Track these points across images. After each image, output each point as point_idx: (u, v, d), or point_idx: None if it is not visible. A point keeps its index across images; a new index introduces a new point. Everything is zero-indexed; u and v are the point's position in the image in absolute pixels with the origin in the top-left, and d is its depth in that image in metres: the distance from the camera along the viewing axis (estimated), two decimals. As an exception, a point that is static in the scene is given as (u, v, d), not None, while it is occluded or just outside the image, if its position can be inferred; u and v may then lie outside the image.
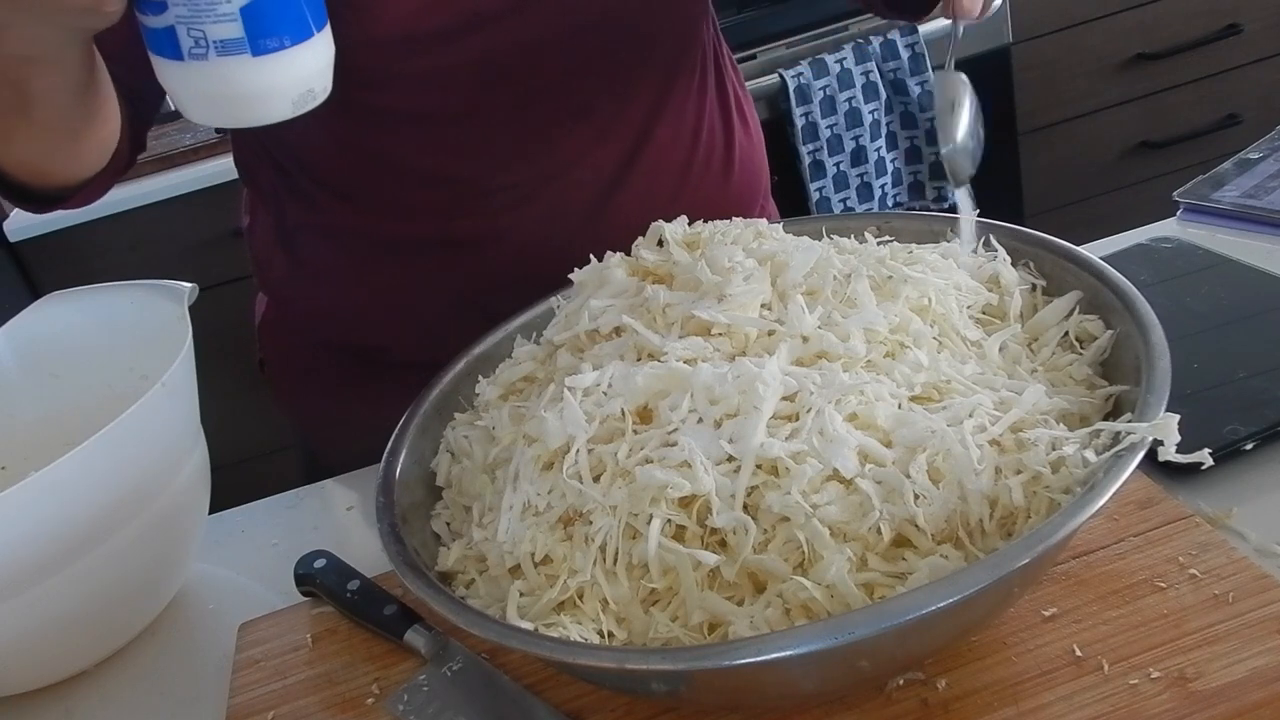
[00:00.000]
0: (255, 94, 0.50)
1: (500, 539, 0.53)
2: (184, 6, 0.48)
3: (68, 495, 0.60)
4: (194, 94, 0.51)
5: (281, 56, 0.50)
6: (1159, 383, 0.50)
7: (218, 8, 0.48)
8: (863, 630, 0.42)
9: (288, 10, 0.50)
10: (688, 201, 0.83)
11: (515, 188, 0.79)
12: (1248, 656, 0.48)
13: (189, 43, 0.48)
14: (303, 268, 0.86)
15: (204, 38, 0.48)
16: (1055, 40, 1.99)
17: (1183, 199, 0.88)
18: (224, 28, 0.48)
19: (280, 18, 0.49)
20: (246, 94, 0.50)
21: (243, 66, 0.49)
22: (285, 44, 0.50)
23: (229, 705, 0.61)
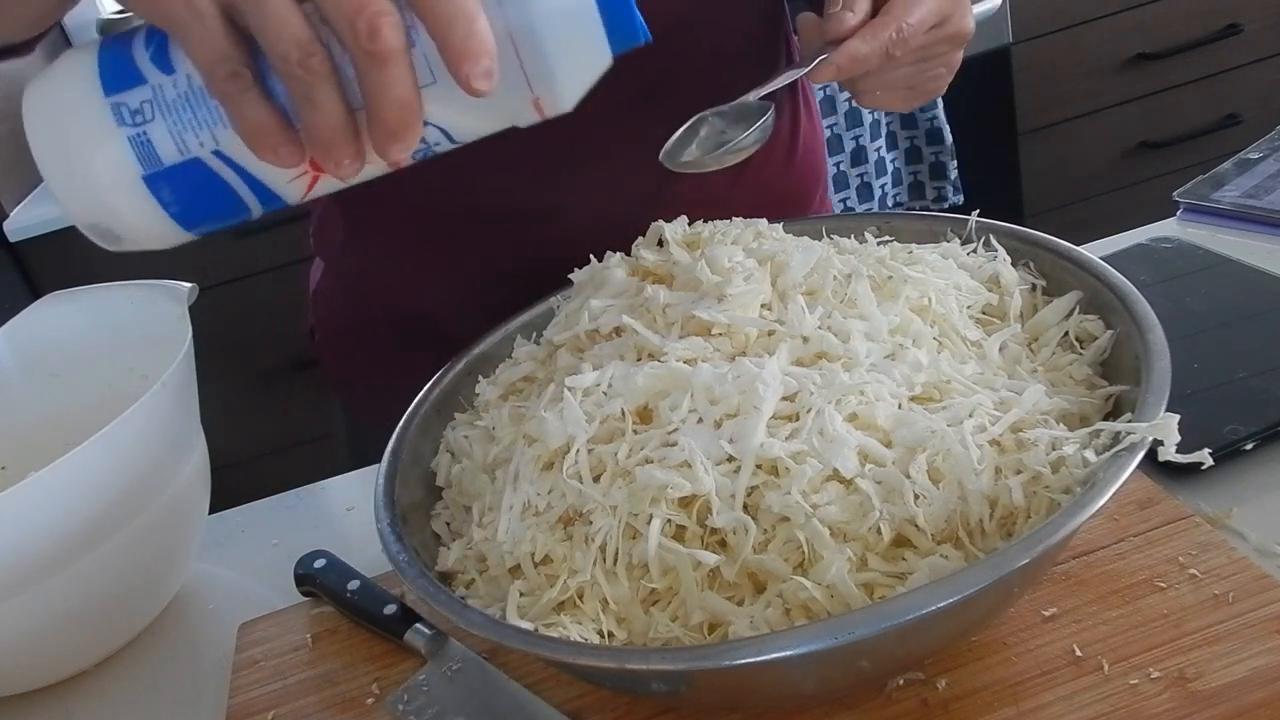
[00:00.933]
0: (117, 217, 0.46)
1: (500, 539, 0.53)
2: (180, 102, 0.44)
3: (68, 495, 0.60)
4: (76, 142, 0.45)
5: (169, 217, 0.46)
6: (1159, 383, 0.50)
7: (197, 135, 0.44)
8: (863, 630, 0.42)
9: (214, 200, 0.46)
10: (748, 185, 0.83)
11: (578, 165, 0.78)
12: (1248, 656, 0.48)
13: (132, 112, 0.44)
14: (362, 231, 0.86)
15: (145, 134, 0.44)
16: (1055, 40, 1.99)
17: (1183, 199, 0.88)
18: (178, 148, 0.44)
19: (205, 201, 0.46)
20: (111, 209, 0.46)
21: (137, 189, 0.45)
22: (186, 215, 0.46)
23: (229, 705, 0.61)
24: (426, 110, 0.43)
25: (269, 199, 0.46)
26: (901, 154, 1.89)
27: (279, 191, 0.46)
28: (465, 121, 0.46)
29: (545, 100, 0.46)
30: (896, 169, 1.89)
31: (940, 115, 1.82)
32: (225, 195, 0.45)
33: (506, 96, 0.45)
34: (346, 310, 0.93)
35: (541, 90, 0.45)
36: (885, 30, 0.61)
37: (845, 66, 0.61)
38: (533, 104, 0.46)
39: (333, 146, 0.42)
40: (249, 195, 0.46)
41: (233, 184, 0.45)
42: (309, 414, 2.03)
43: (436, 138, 0.46)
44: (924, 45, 0.63)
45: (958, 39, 0.65)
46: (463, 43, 0.40)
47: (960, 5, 0.64)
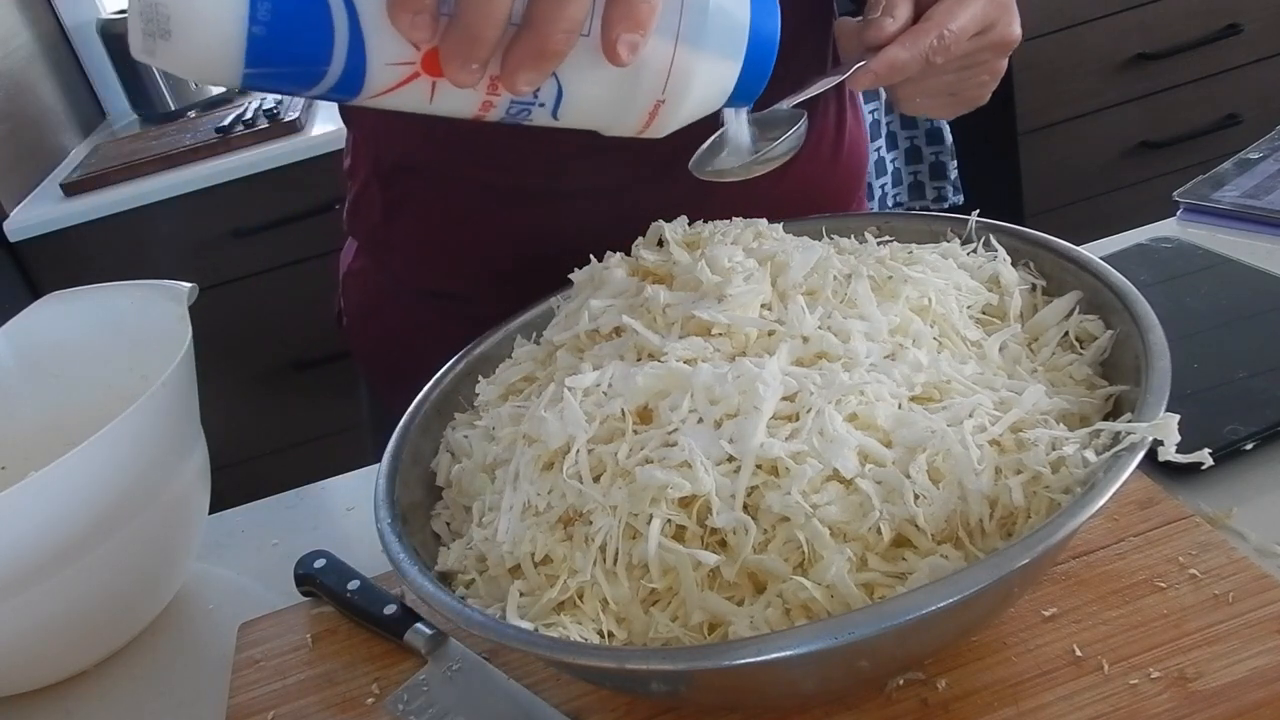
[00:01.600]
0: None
1: (500, 539, 0.53)
2: None
3: (68, 495, 0.60)
4: None
5: None
6: (1159, 383, 0.50)
7: None
8: (863, 630, 0.42)
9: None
10: (795, 179, 0.82)
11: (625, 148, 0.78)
12: (1248, 656, 0.48)
13: None
14: (400, 210, 0.86)
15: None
16: (1055, 40, 1.99)
17: (1183, 199, 0.88)
18: None
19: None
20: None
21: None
22: None
23: (229, 705, 0.61)
24: None
25: (353, 74, 0.41)
26: (901, 154, 1.89)
27: (370, 71, 0.41)
28: (584, 91, 0.45)
29: (665, 108, 0.46)
30: (896, 169, 1.89)
31: (940, 115, 1.82)
32: (318, 42, 0.40)
33: (639, 87, 0.45)
34: (379, 291, 0.93)
35: (671, 95, 0.46)
36: (926, 37, 0.59)
37: (884, 74, 0.60)
38: (651, 108, 0.46)
39: (475, 44, 0.40)
40: (340, 57, 0.40)
41: (336, 34, 0.39)
42: (309, 414, 2.03)
43: (546, 97, 0.45)
44: (967, 52, 0.61)
45: (1003, 46, 0.63)
46: (637, 5, 0.40)
47: (1006, 11, 0.62)
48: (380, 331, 0.95)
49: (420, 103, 0.44)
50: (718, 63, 0.46)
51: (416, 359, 0.90)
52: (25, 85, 2.04)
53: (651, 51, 0.44)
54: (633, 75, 0.44)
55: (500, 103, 0.45)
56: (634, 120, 0.47)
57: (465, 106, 0.45)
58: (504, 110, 0.45)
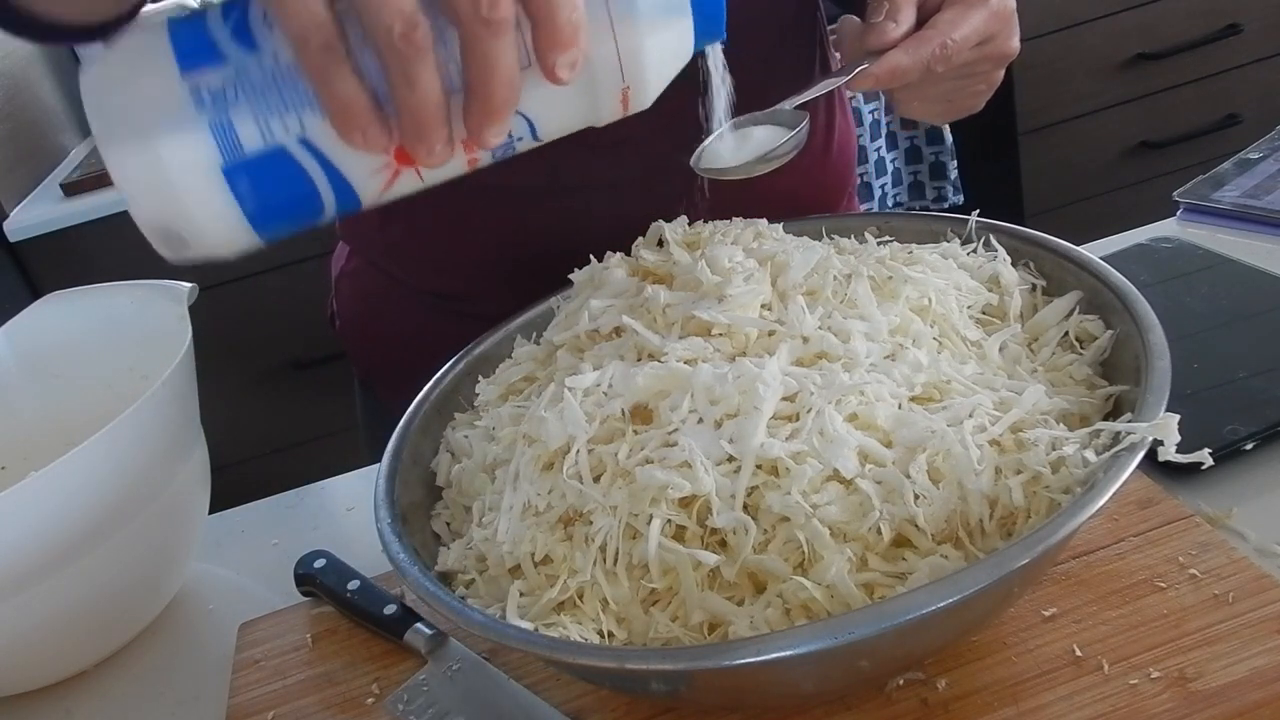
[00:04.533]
0: (183, 205, 0.43)
1: (500, 539, 0.53)
2: (253, 82, 0.41)
3: (68, 495, 0.60)
4: (136, 119, 0.42)
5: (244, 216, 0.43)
6: (1159, 383, 0.50)
7: (272, 120, 0.41)
8: (863, 630, 0.42)
9: (291, 200, 0.44)
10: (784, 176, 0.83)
11: (620, 146, 0.78)
12: (1248, 656, 0.48)
13: (209, 95, 0.41)
14: (395, 212, 0.86)
15: (229, 119, 0.41)
16: (1055, 40, 1.99)
17: (1183, 199, 0.88)
18: (254, 139, 0.41)
19: (283, 199, 0.44)
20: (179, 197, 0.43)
21: (214, 179, 0.42)
22: (268, 217, 0.44)
23: (229, 705, 0.61)
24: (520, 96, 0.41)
25: (346, 196, 0.44)
26: (901, 154, 1.89)
27: (359, 187, 0.44)
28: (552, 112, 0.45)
29: (633, 91, 0.45)
30: (896, 169, 1.89)
31: (940, 115, 1.82)
32: (304, 191, 0.43)
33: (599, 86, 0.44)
34: (374, 293, 0.93)
35: (632, 79, 0.45)
36: (929, 45, 0.59)
37: (884, 79, 0.60)
38: (621, 95, 0.45)
39: (427, 128, 0.40)
40: (328, 191, 0.43)
41: (314, 177, 0.42)
42: (309, 414, 2.03)
43: (521, 131, 0.45)
44: (967, 62, 0.62)
45: (1001, 58, 0.64)
46: (561, 26, 0.40)
47: (1007, 25, 0.62)
48: (377, 332, 0.94)
49: (416, 185, 0.45)
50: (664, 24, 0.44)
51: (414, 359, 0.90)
52: (25, 85, 2.04)
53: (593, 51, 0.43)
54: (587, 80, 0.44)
55: (483, 154, 0.46)
56: (610, 112, 0.47)
57: (455, 169, 0.45)
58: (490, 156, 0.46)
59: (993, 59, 0.64)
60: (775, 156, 0.61)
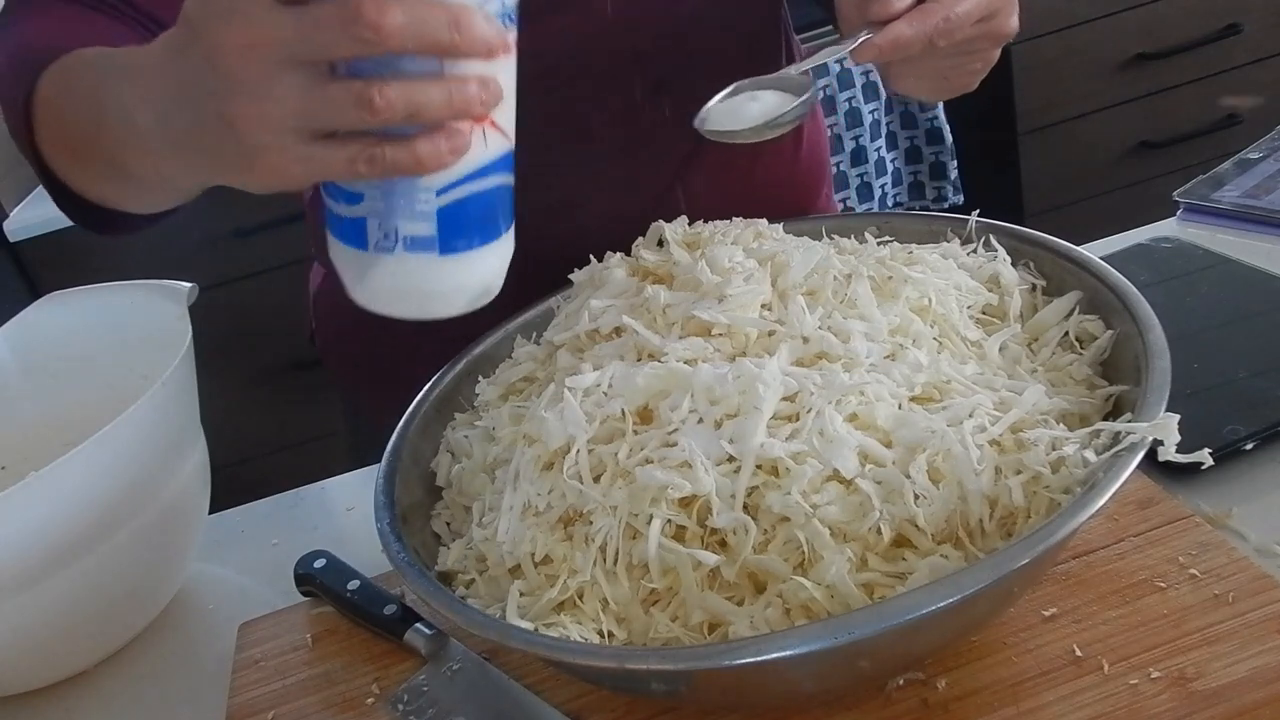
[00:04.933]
0: (434, 292, 0.48)
1: (500, 539, 0.53)
2: (381, 201, 0.45)
3: (68, 495, 0.60)
4: (369, 282, 0.48)
5: (469, 257, 0.47)
6: (1159, 382, 0.50)
7: (415, 206, 0.45)
8: (863, 630, 0.42)
9: (485, 214, 0.47)
10: (760, 180, 0.83)
11: (590, 159, 0.79)
12: (1248, 656, 0.48)
13: (378, 236, 0.46)
14: None
15: (395, 233, 0.46)
16: (1055, 40, 1.99)
17: (1183, 199, 0.88)
18: (417, 226, 0.45)
19: (476, 221, 0.47)
20: (426, 291, 0.48)
21: (427, 265, 0.46)
22: (474, 245, 0.47)
23: (229, 705, 0.61)
24: None
25: (503, 165, 0.48)
26: (901, 154, 1.89)
27: (496, 153, 0.47)
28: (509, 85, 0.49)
29: None
30: (896, 169, 1.89)
31: (940, 115, 1.82)
32: (486, 202, 0.47)
33: None
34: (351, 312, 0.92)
35: None
36: (932, 18, 0.59)
37: (887, 49, 0.59)
38: None
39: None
40: (497, 177, 0.47)
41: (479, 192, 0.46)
42: (309, 414, 2.03)
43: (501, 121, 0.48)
44: (968, 39, 0.61)
45: (999, 37, 0.64)
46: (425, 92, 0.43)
47: (1008, 3, 0.62)
48: (356, 351, 0.94)
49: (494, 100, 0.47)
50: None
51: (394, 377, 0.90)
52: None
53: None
54: None
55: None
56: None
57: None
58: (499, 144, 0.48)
59: (992, 37, 0.64)
60: (782, 122, 0.60)
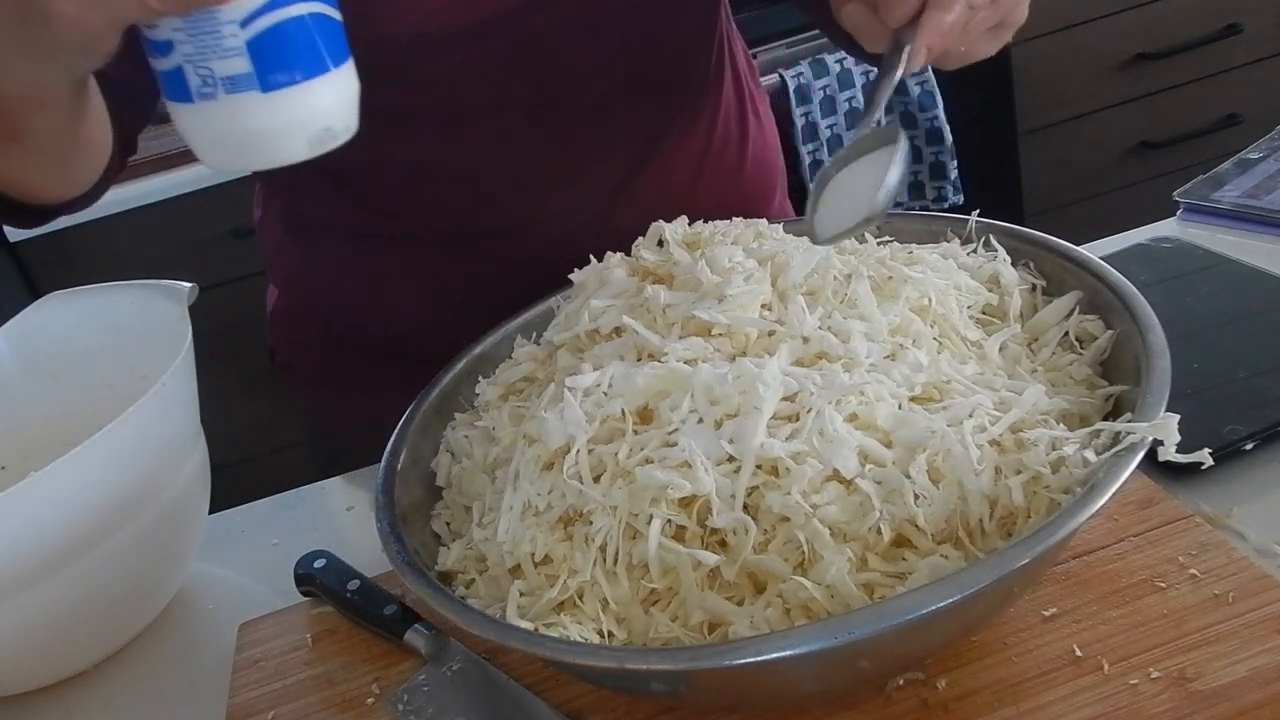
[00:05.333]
0: (268, 132, 0.48)
1: (500, 539, 0.54)
2: (189, 44, 0.46)
3: (68, 495, 0.60)
4: (207, 136, 0.49)
5: (294, 92, 0.48)
6: (1159, 382, 0.50)
7: (223, 42, 0.46)
8: (863, 630, 0.42)
9: (300, 44, 0.48)
10: (702, 194, 0.83)
11: (531, 184, 0.79)
12: (1248, 656, 0.48)
13: (196, 82, 0.47)
14: (314, 260, 0.86)
15: (211, 76, 0.47)
16: (1055, 40, 1.99)
17: (1183, 199, 0.88)
18: (231, 64, 0.46)
19: (292, 52, 0.48)
20: (258, 132, 0.48)
21: (253, 104, 0.47)
22: (298, 79, 0.48)
23: (229, 705, 0.61)
24: None
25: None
26: (901, 154, 1.89)
27: None
28: None
29: None
30: (896, 169, 1.89)
31: (940, 115, 1.82)
32: (297, 32, 0.47)
33: None
34: (307, 331, 0.92)
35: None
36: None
37: (938, 43, 0.54)
38: None
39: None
40: (304, 4, 0.47)
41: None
42: (309, 414, 2.03)
43: None
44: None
45: None
46: None
47: None
48: (311, 370, 0.94)
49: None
50: None
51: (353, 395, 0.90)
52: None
53: None
54: None
55: None
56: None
57: None
58: None
59: None
60: (891, 186, 0.54)
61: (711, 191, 0.84)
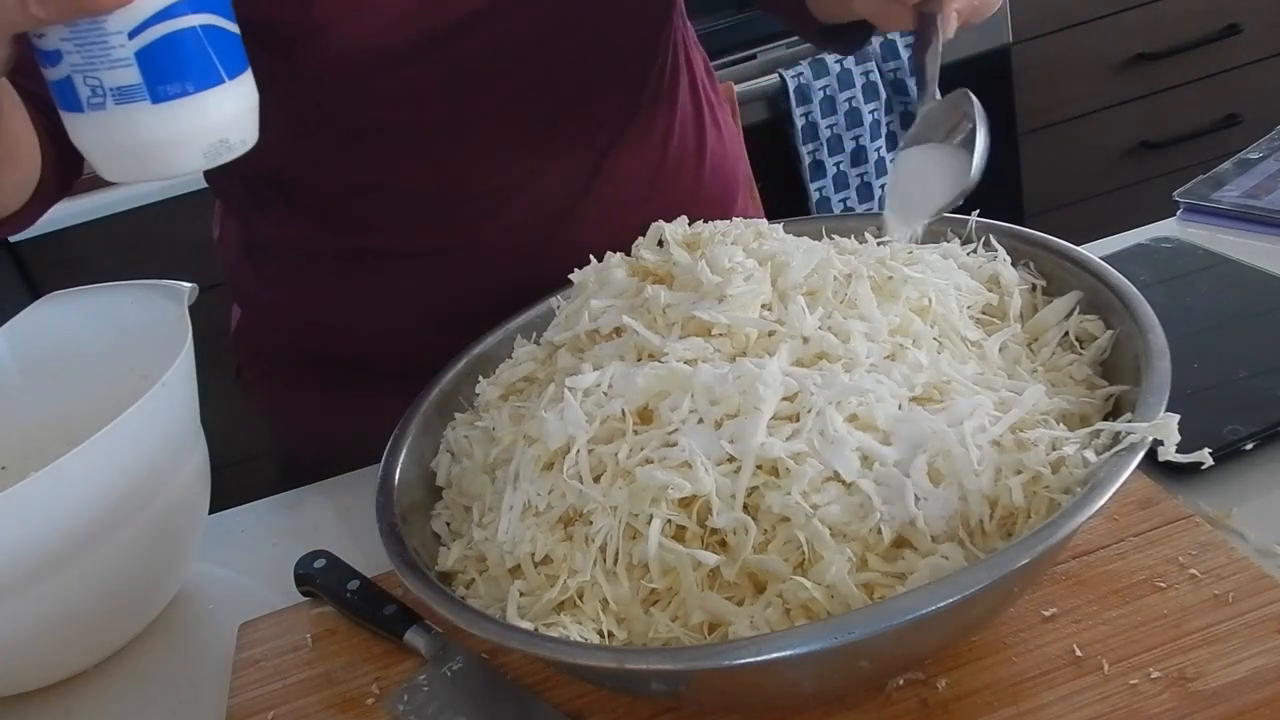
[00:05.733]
0: (160, 143, 0.48)
1: (500, 539, 0.54)
2: (77, 54, 0.46)
3: (68, 495, 0.60)
4: (100, 146, 0.49)
5: (186, 104, 0.48)
6: (1159, 383, 0.50)
7: (111, 53, 0.46)
8: (862, 630, 0.42)
9: (192, 56, 0.47)
10: (656, 207, 0.83)
11: (484, 197, 0.79)
12: (1248, 656, 0.48)
13: (86, 92, 0.47)
14: (271, 280, 0.86)
15: (100, 86, 0.46)
16: (1055, 40, 1.99)
17: (1183, 199, 0.88)
18: (120, 74, 0.46)
19: (183, 64, 0.47)
20: (150, 143, 0.48)
21: (143, 115, 0.47)
22: (189, 90, 0.48)
23: (229, 705, 0.61)
24: None
25: (199, 4, 0.48)
26: (901, 154, 1.89)
27: None
28: None
29: None
30: (897, 169, 1.89)
31: (940, 115, 1.82)
32: (188, 43, 0.47)
33: None
34: (268, 349, 0.92)
35: None
36: None
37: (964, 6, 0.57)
38: None
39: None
40: (195, 16, 0.47)
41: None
42: (309, 414, 2.03)
43: None
44: None
45: None
46: None
47: None
48: (275, 388, 0.94)
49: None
50: None
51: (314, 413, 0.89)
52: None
53: None
54: None
55: None
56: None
57: None
58: None
59: None
60: (980, 151, 0.56)
61: (668, 202, 0.84)
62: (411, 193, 0.78)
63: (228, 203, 0.87)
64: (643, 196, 0.83)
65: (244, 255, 0.87)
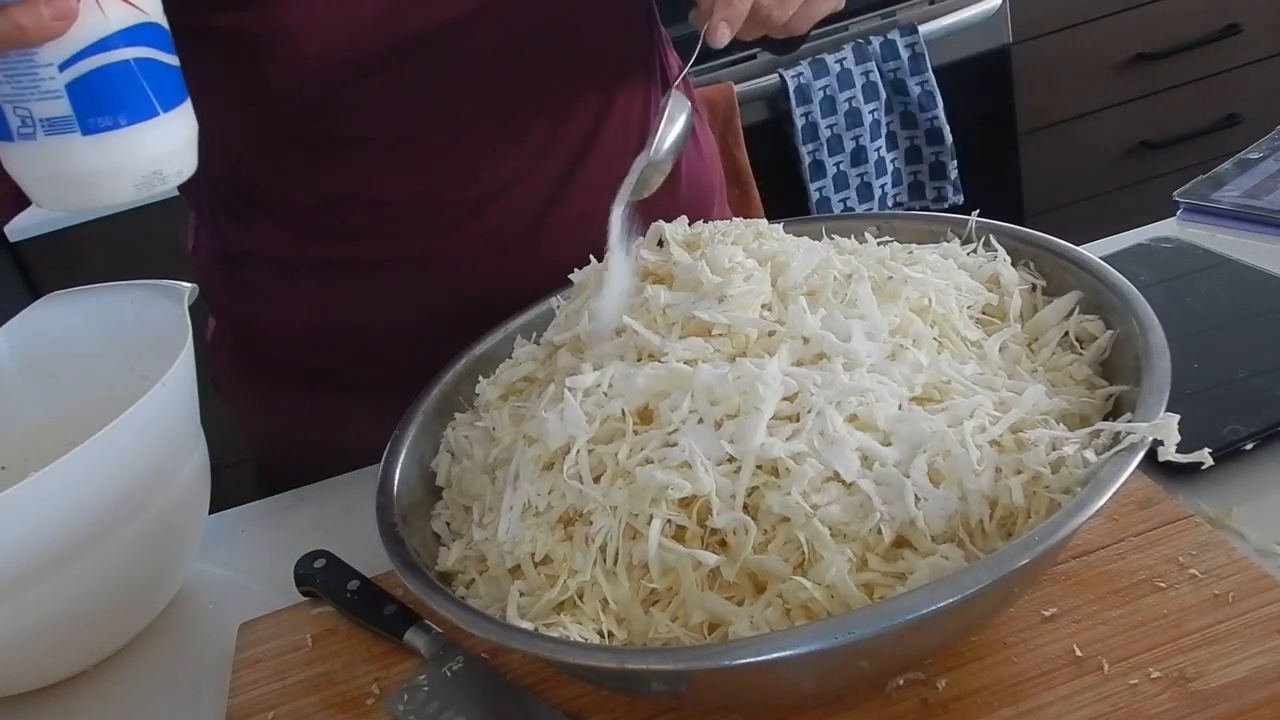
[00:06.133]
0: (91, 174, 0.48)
1: (500, 539, 0.54)
2: (7, 84, 0.46)
3: (68, 495, 0.60)
4: (32, 175, 0.49)
5: (117, 136, 0.48)
6: (1159, 383, 0.50)
7: (41, 85, 0.46)
8: (862, 630, 0.42)
9: (124, 89, 0.47)
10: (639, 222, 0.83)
11: (455, 208, 0.79)
12: (1248, 656, 0.48)
13: (16, 122, 0.47)
14: (245, 291, 0.86)
15: (30, 116, 0.46)
16: (1055, 40, 1.99)
17: (1183, 199, 0.88)
18: (50, 105, 0.46)
19: (115, 95, 0.47)
20: (82, 174, 0.48)
21: (74, 146, 0.47)
22: (121, 123, 0.47)
23: (229, 705, 0.61)
24: None
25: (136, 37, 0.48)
26: (901, 154, 1.89)
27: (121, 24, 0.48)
28: None
29: None
30: (896, 169, 1.89)
31: (940, 115, 1.82)
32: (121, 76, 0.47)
33: None
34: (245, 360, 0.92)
35: None
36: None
37: (734, 19, 0.61)
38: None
39: None
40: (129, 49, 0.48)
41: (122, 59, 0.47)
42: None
43: None
44: None
45: None
46: None
47: None
48: (252, 400, 0.93)
49: None
50: None
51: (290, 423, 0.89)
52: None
53: None
54: None
55: None
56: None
57: None
58: None
59: None
60: (664, 153, 0.64)
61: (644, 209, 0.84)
62: (385, 202, 0.78)
63: (201, 214, 0.87)
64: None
65: (218, 266, 0.87)
